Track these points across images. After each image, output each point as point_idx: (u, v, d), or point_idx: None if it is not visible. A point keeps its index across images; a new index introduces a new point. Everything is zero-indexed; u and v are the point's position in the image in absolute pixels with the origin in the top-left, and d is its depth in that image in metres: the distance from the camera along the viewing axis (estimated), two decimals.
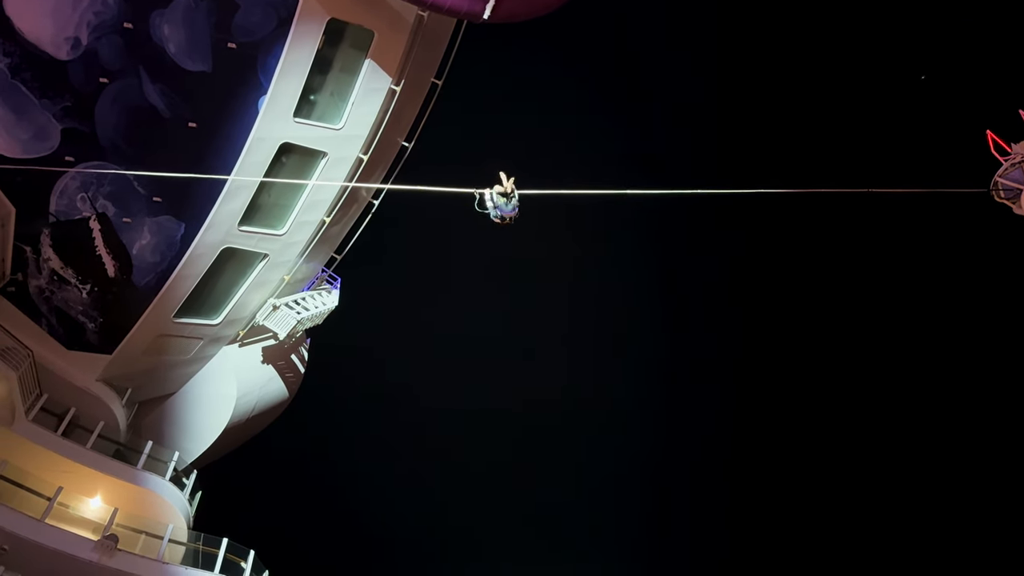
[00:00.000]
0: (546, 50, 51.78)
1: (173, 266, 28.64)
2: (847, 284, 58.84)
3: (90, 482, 27.84)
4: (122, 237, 28.55)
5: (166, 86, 26.00)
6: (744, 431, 62.97)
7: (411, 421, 61.34)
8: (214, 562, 28.33)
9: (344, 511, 59.72)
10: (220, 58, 25.69)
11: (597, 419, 63.12)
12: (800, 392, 60.17)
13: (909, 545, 56.13)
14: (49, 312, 29.13)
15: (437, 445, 60.55)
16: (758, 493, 60.92)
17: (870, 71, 52.37)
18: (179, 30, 25.23)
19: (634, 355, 63.67)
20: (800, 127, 54.24)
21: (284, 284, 31.81)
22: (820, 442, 58.93)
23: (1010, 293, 50.03)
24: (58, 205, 27.55)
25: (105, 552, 25.08)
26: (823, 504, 58.49)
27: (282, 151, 26.96)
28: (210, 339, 31.89)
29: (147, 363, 31.13)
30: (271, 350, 34.26)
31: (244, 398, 33.86)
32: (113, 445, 29.87)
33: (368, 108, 27.41)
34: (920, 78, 32.17)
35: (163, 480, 29.43)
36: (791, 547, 58.70)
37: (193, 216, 27.95)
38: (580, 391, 62.32)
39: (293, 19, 24.72)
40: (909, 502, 56.87)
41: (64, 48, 24.89)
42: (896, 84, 51.30)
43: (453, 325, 61.24)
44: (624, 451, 63.23)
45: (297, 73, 25.55)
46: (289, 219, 29.32)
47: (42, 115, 25.61)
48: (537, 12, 23.98)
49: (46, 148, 26.09)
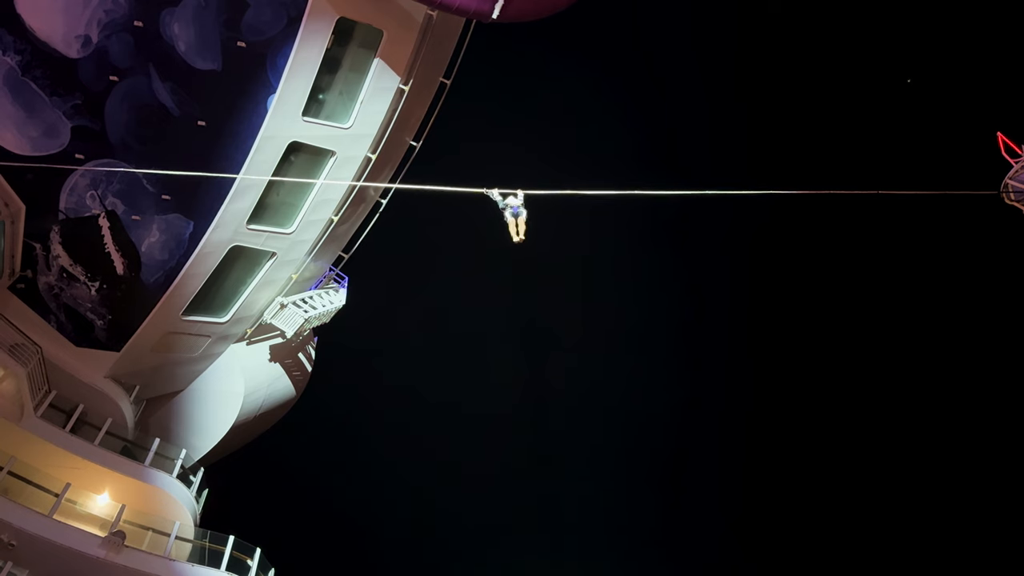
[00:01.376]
0: (555, 50, 51.74)
1: (181, 264, 28.71)
2: (856, 283, 58.63)
3: (98, 479, 27.92)
4: (131, 235, 28.65)
5: (176, 84, 26.08)
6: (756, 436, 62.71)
7: (419, 420, 61.41)
8: (220, 559, 28.35)
9: (349, 509, 59.81)
10: (230, 57, 25.75)
11: (605, 418, 63.07)
12: (810, 392, 60.01)
13: (909, 552, 55.90)
14: (58, 309, 29.26)
15: (444, 444, 60.59)
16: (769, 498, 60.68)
17: (880, 74, 52.18)
18: (189, 28, 25.31)
19: (643, 356, 63.45)
20: (810, 130, 54.07)
21: (292, 282, 31.87)
22: (833, 445, 58.72)
23: (1020, 294, 49.79)
24: (67, 203, 27.66)
25: (112, 548, 25.17)
26: (837, 509, 58.23)
27: (291, 150, 27.00)
28: (218, 337, 31.97)
29: (155, 360, 31.23)
30: (279, 348, 34.33)
31: (251, 396, 33.93)
32: (121, 442, 29.93)
33: (377, 107, 27.43)
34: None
35: (170, 477, 29.47)
36: (800, 547, 58.53)
37: (202, 214, 28.03)
38: (587, 389, 62.28)
39: (303, 18, 24.73)
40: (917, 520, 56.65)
41: (74, 46, 25.00)
42: (907, 87, 51.09)
43: (458, 322, 61.29)
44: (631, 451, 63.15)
45: (306, 72, 25.57)
46: (297, 218, 29.36)
47: (52, 113, 25.74)
48: (545, 12, 23.97)
49: (56, 146, 26.21)
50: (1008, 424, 53.64)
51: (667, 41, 55.60)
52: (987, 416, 54.60)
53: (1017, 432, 52.94)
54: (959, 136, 34.48)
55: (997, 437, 53.84)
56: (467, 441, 60.36)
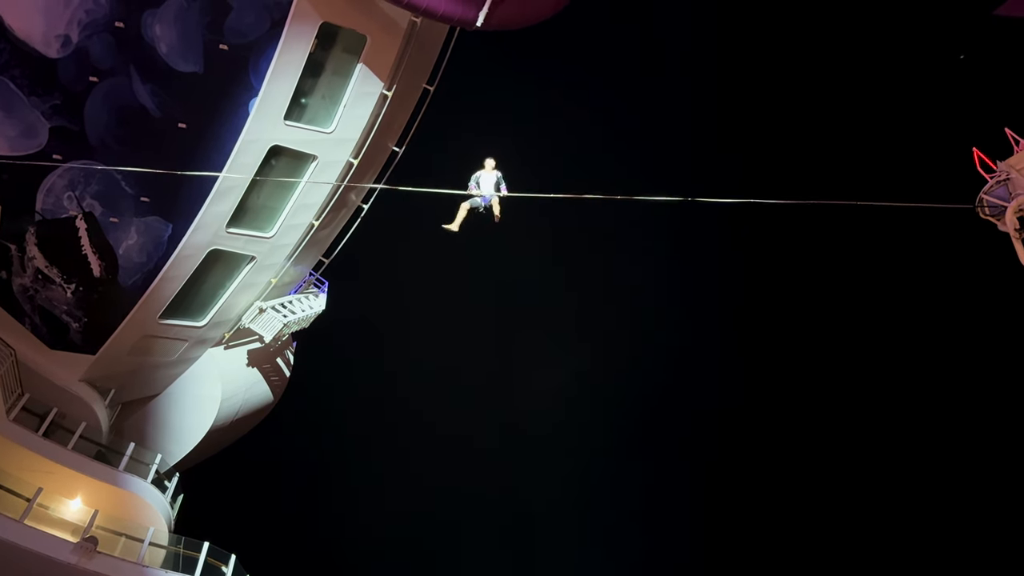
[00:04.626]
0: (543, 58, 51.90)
1: (159, 267, 28.44)
2: (832, 293, 59.20)
3: (71, 483, 27.53)
4: (108, 237, 28.38)
5: (157, 86, 25.92)
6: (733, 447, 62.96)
7: (397, 425, 61.19)
8: (195, 566, 28.04)
9: (326, 517, 59.45)
10: (212, 59, 25.64)
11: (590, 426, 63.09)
12: (786, 406, 60.37)
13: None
14: (33, 311, 28.90)
15: (423, 451, 60.40)
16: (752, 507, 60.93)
17: (858, 86, 52.84)
18: (171, 30, 25.18)
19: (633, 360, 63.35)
20: (788, 139, 54.58)
21: (271, 287, 31.70)
22: (809, 457, 59.12)
23: (993, 307, 50.51)
24: (44, 203, 27.36)
25: (84, 554, 24.82)
26: (824, 521, 58.55)
27: (272, 154, 26.89)
28: (195, 341, 31.71)
29: (131, 364, 30.91)
30: (257, 353, 34.10)
31: (228, 401, 33.66)
32: (95, 446, 29.56)
33: (359, 112, 27.40)
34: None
35: (145, 482, 29.13)
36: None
37: (181, 217, 27.81)
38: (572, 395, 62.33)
39: (286, 22, 24.65)
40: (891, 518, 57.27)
41: (54, 46, 24.78)
42: (884, 100, 51.78)
43: (439, 329, 61.20)
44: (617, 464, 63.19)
45: (289, 76, 25.49)
46: (277, 222, 29.22)
47: (31, 113, 25.49)
48: (531, 20, 24.08)
49: (34, 146, 25.95)
50: (982, 429, 54.35)
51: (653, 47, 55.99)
52: (962, 419, 55.26)
53: (991, 437, 53.66)
54: (936, 152, 34.98)
55: (970, 441, 54.50)
56: (453, 446, 60.23)
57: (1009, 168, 16.41)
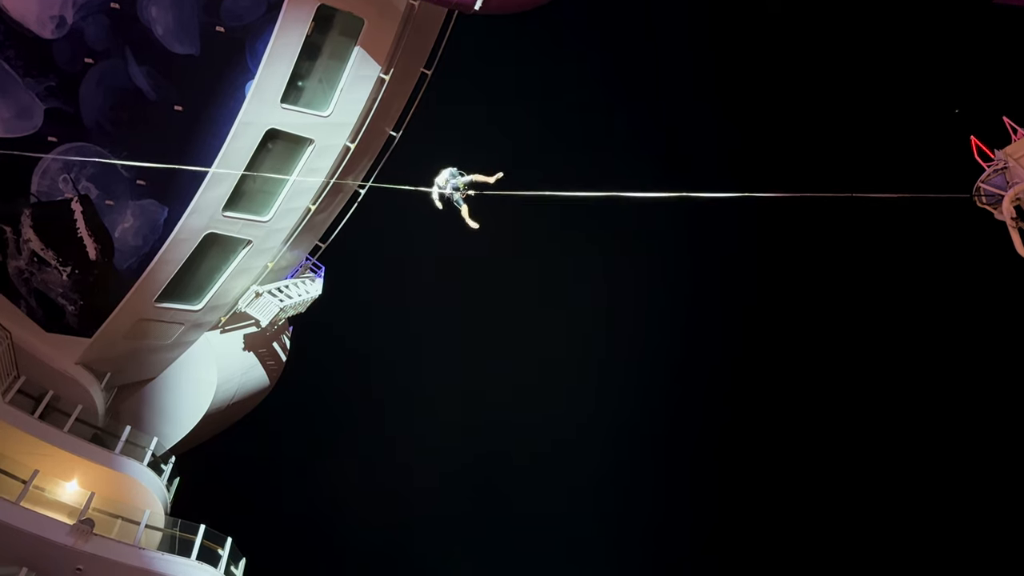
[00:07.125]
0: (539, 43, 51.69)
1: (156, 250, 28.31)
2: (830, 285, 59.21)
3: (67, 466, 27.59)
4: (104, 220, 28.30)
5: (152, 68, 25.78)
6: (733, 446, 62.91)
7: (395, 414, 61.32)
8: (191, 548, 28.13)
9: (322, 500, 59.62)
10: (208, 41, 25.50)
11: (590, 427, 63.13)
12: (786, 406, 60.37)
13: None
14: (28, 294, 28.84)
15: (420, 439, 60.54)
16: None
17: (855, 78, 52.69)
18: (167, 12, 25.02)
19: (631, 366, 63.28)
20: (784, 131, 54.46)
21: (267, 271, 31.63)
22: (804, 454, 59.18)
23: (990, 296, 50.57)
24: (40, 185, 27.27)
25: (81, 536, 24.90)
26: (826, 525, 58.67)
27: (268, 137, 26.74)
28: (191, 324, 31.67)
29: (127, 347, 30.87)
30: (253, 337, 34.08)
31: (225, 385, 33.66)
32: (91, 429, 29.57)
33: (356, 96, 27.24)
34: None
35: (141, 465, 29.17)
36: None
37: (177, 200, 27.70)
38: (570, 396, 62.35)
39: (283, 4, 24.48)
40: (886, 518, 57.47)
41: (49, 27, 24.62)
42: (881, 90, 51.67)
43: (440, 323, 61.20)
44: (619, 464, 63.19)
45: (285, 59, 25.32)
46: (274, 206, 29.11)
47: (25, 94, 25.34)
48: (528, 4, 23.93)
49: (29, 127, 25.82)
50: (980, 426, 54.51)
51: (651, 36, 55.74)
52: (960, 409, 55.38)
53: (989, 433, 53.84)
54: (933, 140, 34.89)
55: (968, 437, 54.66)
56: (442, 436, 60.30)
57: (1007, 156, 16.38)
